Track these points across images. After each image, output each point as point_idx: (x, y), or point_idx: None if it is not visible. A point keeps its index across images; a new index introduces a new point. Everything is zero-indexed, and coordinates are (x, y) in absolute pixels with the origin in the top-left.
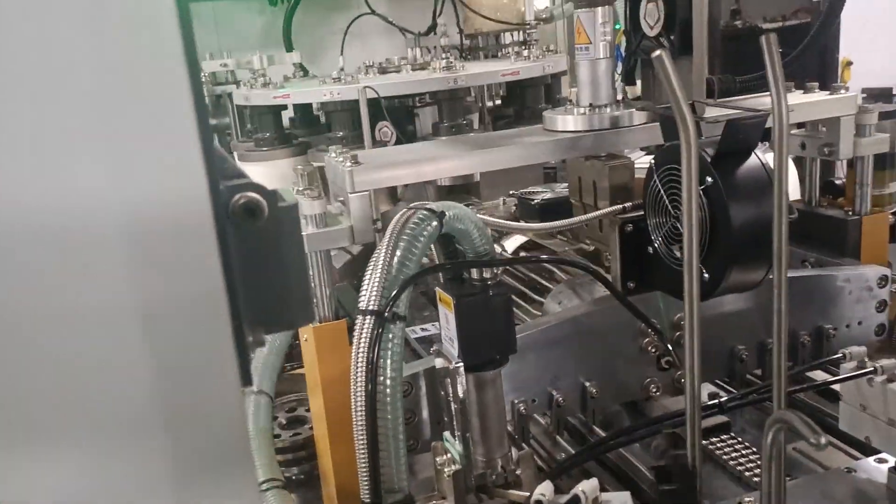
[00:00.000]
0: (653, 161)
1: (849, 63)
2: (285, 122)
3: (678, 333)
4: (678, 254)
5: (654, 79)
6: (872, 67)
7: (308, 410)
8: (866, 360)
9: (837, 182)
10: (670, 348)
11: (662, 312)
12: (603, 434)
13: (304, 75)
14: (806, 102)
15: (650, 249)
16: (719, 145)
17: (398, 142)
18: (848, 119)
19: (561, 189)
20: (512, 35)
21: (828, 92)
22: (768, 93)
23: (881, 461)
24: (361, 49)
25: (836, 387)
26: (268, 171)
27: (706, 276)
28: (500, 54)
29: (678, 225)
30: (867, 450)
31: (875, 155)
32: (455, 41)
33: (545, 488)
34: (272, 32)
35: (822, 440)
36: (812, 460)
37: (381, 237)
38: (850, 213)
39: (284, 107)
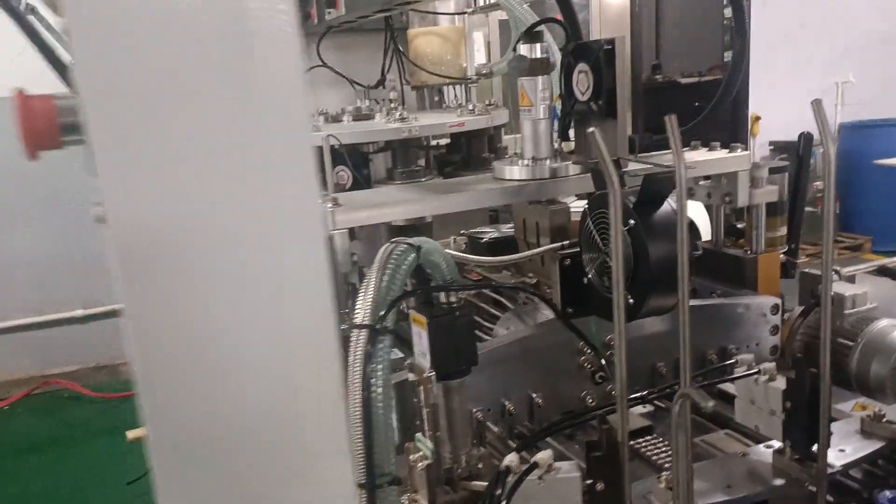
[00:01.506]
0: (586, 206)
1: (757, 118)
2: None
3: (609, 352)
4: (608, 283)
5: (584, 136)
6: (777, 122)
7: None
8: (753, 364)
9: (739, 226)
10: (603, 363)
11: (595, 334)
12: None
13: None
14: (709, 159)
15: (585, 280)
16: (639, 195)
17: (354, 184)
18: (744, 173)
19: (506, 229)
20: (454, 89)
21: (727, 150)
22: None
23: (768, 446)
24: (312, 98)
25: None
26: None
27: (631, 301)
28: (443, 106)
29: (608, 259)
30: (758, 438)
31: (767, 203)
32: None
33: (512, 458)
34: None
35: (710, 404)
36: (715, 448)
37: (355, 268)
38: (749, 252)
39: None
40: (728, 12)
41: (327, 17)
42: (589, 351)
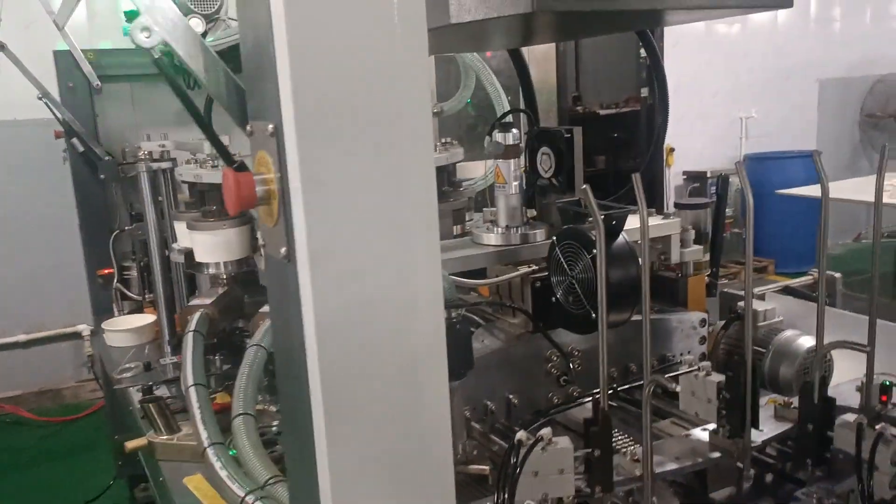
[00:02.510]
0: (555, 238)
1: (672, 150)
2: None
3: (571, 360)
4: (573, 302)
5: (546, 205)
6: (690, 153)
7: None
8: (694, 363)
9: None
10: (571, 366)
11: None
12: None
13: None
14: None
15: (553, 299)
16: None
17: None
18: (675, 235)
19: None
20: None
21: (661, 217)
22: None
23: (705, 429)
24: None
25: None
26: (213, 240)
27: (594, 315)
28: None
29: (573, 282)
30: (698, 423)
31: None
32: None
33: (522, 434)
34: (187, 113)
35: (674, 386)
36: (664, 432)
37: None
38: (679, 275)
39: None
40: (644, 51)
41: None
42: (556, 358)
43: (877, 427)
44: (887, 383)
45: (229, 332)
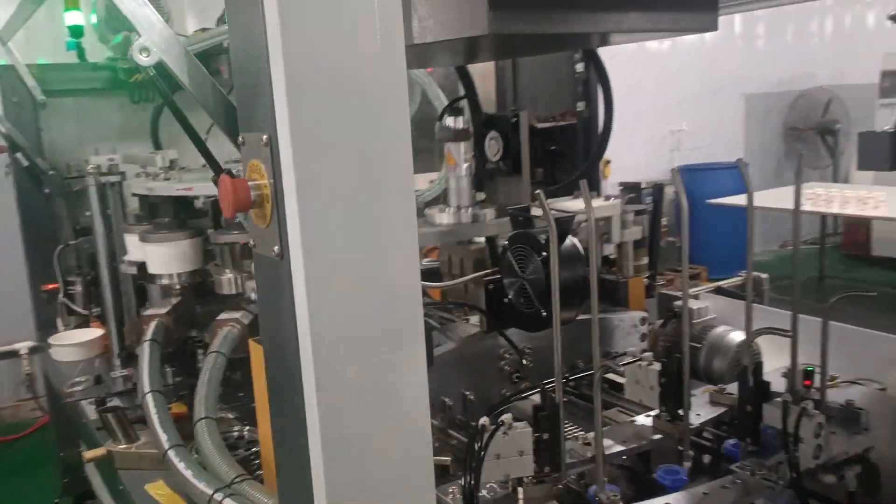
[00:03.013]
0: (506, 242)
1: (608, 162)
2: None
3: (523, 357)
4: (524, 302)
5: (494, 188)
6: (625, 165)
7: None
8: (637, 355)
9: (611, 257)
10: (525, 362)
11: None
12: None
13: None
14: (598, 205)
15: (506, 300)
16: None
17: None
18: (616, 217)
19: (426, 263)
20: None
21: (603, 199)
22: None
23: (648, 415)
24: (218, 144)
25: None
26: (168, 251)
27: (544, 313)
28: None
29: (525, 283)
30: (640, 410)
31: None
32: None
33: (484, 420)
34: (133, 127)
35: (621, 369)
36: (611, 419)
37: None
38: (621, 277)
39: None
40: (580, 67)
41: None
42: (509, 356)
43: (801, 404)
44: (809, 368)
45: (183, 342)
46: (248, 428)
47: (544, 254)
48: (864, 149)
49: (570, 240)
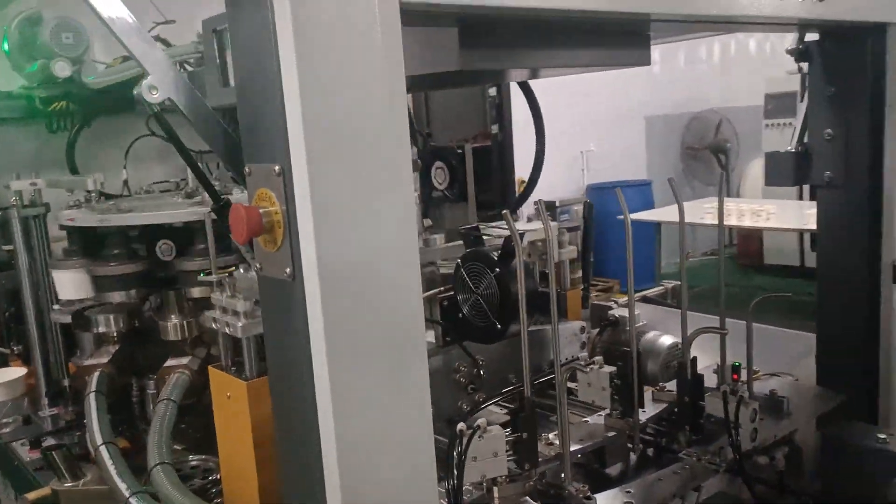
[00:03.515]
0: (460, 261)
1: (523, 181)
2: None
3: (480, 368)
4: (477, 316)
5: (440, 215)
6: (540, 185)
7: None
8: (588, 360)
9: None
10: (481, 373)
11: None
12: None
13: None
14: (535, 228)
15: (460, 315)
16: (502, 249)
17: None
18: (555, 238)
19: None
20: None
21: (531, 223)
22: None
23: (600, 415)
24: (136, 171)
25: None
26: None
27: (499, 326)
28: None
29: (479, 298)
30: (594, 410)
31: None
32: None
33: (461, 425)
34: (48, 156)
35: (588, 369)
36: (570, 423)
37: None
38: (560, 290)
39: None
40: (493, 91)
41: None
42: (464, 368)
43: (738, 394)
44: (737, 364)
45: (123, 388)
46: (200, 457)
47: (497, 270)
48: (770, 167)
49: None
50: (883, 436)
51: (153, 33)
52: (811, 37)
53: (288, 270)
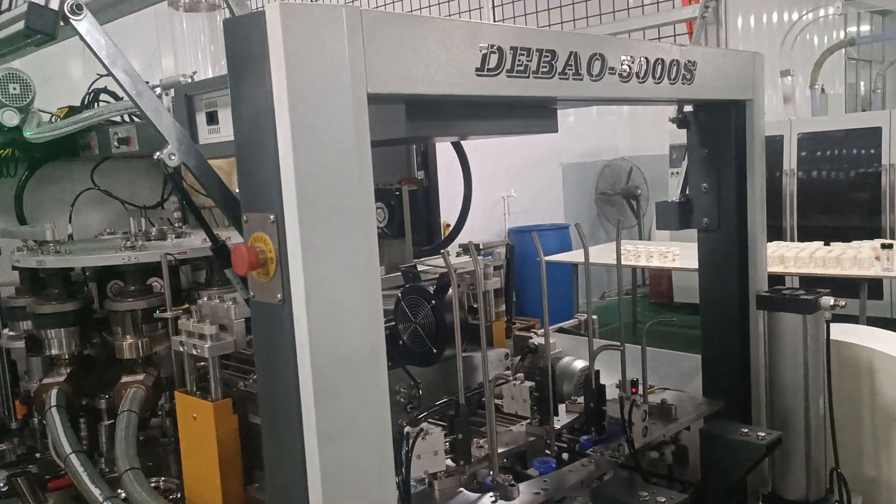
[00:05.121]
0: (400, 294)
1: (448, 225)
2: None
3: (419, 389)
4: (414, 343)
5: (380, 249)
6: (465, 228)
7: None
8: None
9: (474, 306)
10: (420, 393)
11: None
12: None
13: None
14: (462, 261)
15: (401, 342)
16: (437, 284)
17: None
18: (480, 270)
19: None
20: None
21: (459, 257)
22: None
23: (521, 424)
24: (76, 218)
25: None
26: None
27: (434, 350)
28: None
29: (417, 327)
30: (516, 420)
31: (494, 289)
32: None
33: (409, 428)
34: None
35: (523, 384)
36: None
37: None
38: (486, 321)
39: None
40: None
41: (115, 150)
42: (403, 390)
43: (633, 398)
44: (635, 379)
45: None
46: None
47: (433, 302)
48: (660, 214)
49: (451, 290)
50: (746, 430)
51: (98, 84)
52: (689, 107)
53: (279, 296)
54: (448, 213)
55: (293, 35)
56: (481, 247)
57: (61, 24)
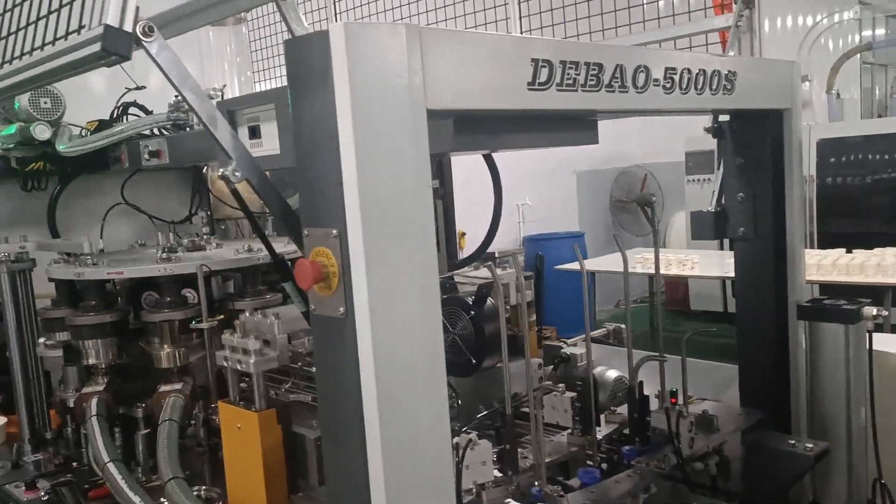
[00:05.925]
0: None
1: (463, 234)
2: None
3: (458, 398)
4: (452, 353)
5: None
6: (480, 237)
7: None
8: (552, 387)
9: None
10: (459, 402)
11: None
12: None
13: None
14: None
15: None
16: (476, 295)
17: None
18: (513, 282)
19: None
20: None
21: (500, 269)
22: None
23: (562, 434)
24: (105, 231)
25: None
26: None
27: (474, 361)
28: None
29: (456, 338)
30: (556, 431)
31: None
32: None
33: (458, 439)
34: (22, 215)
35: (560, 387)
36: None
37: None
38: (519, 332)
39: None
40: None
41: (145, 163)
42: None
43: (677, 408)
44: (674, 389)
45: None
46: (203, 487)
47: (472, 312)
48: (695, 224)
49: (489, 301)
50: (792, 441)
51: (127, 98)
52: (724, 116)
53: (342, 309)
54: (462, 222)
55: (356, 54)
56: (497, 255)
57: (134, 45)
